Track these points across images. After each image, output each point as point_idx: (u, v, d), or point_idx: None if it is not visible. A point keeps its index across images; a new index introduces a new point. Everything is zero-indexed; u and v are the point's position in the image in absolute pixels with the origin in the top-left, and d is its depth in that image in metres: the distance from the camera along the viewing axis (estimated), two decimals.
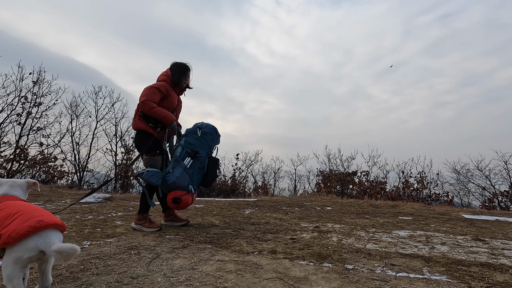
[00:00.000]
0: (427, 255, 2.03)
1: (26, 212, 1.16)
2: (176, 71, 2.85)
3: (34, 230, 1.08)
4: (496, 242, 2.51)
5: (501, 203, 7.73)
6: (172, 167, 2.68)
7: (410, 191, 8.45)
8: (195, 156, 2.71)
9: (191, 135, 2.79)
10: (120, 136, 9.65)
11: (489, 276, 1.63)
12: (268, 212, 4.08)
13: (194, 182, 2.73)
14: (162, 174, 2.66)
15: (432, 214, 4.32)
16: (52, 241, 1.10)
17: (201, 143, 2.77)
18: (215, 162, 2.87)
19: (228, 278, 1.51)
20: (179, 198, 2.59)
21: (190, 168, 2.69)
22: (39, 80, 8.37)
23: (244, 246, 2.18)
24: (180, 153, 2.71)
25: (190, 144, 2.75)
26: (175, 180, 2.60)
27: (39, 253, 1.09)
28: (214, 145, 2.91)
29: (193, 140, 2.76)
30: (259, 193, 9.28)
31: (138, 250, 1.98)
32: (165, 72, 2.88)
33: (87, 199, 4.66)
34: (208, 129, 2.82)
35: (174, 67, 2.87)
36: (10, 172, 7.56)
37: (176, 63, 2.88)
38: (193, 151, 2.72)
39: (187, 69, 2.90)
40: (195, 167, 2.73)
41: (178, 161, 2.69)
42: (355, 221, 3.49)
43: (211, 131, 2.84)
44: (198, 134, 2.77)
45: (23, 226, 1.08)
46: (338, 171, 9.81)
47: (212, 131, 2.84)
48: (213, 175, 2.85)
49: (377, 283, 1.49)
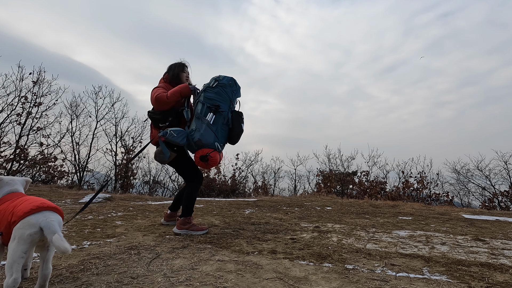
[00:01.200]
0: (427, 255, 2.03)
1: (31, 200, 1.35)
2: (171, 70, 2.81)
3: (37, 209, 1.25)
4: (496, 242, 2.51)
5: (501, 203, 7.74)
6: (195, 125, 2.55)
7: (410, 191, 8.46)
8: (216, 110, 2.55)
9: (210, 90, 2.60)
10: (120, 136, 9.64)
11: (489, 276, 1.63)
12: (268, 212, 4.08)
13: (219, 139, 2.58)
14: (186, 132, 2.53)
15: (432, 214, 4.32)
16: (51, 219, 1.24)
17: (221, 97, 2.59)
18: (238, 115, 2.68)
19: (228, 278, 1.51)
20: (206, 155, 2.47)
21: (213, 125, 2.54)
22: (39, 80, 8.38)
23: (244, 246, 2.18)
24: (201, 110, 2.55)
25: (210, 99, 2.57)
26: (200, 138, 2.48)
27: (40, 231, 1.21)
28: (235, 98, 2.71)
29: (212, 94, 2.58)
30: (259, 193, 9.28)
31: (138, 250, 1.98)
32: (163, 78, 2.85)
33: (87, 199, 4.66)
34: (226, 80, 2.62)
35: (169, 68, 2.84)
36: (10, 172, 7.56)
37: (171, 64, 2.85)
38: (214, 105, 2.55)
39: (183, 66, 2.84)
40: (219, 123, 2.57)
41: (200, 118, 2.53)
42: (355, 221, 3.49)
43: (230, 82, 2.63)
44: (218, 86, 2.58)
45: (27, 206, 1.26)
46: (338, 171, 9.82)
47: (231, 82, 2.64)
48: (238, 128, 2.66)
49: (377, 283, 1.49)
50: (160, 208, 4.18)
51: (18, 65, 8.17)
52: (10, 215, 1.27)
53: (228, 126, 2.65)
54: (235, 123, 2.64)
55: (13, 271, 1.15)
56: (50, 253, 1.31)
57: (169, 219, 2.95)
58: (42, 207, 1.27)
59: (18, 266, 1.17)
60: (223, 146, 2.69)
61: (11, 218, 1.25)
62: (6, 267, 1.17)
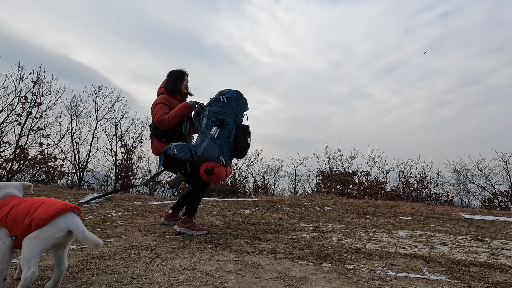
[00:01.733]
0: (427, 255, 2.03)
1: (46, 200, 1.34)
2: (170, 78, 2.81)
3: (61, 211, 1.27)
4: (496, 242, 2.51)
5: (501, 203, 7.74)
6: (199, 139, 2.56)
7: (410, 191, 8.46)
8: (221, 124, 2.54)
9: (215, 103, 2.60)
10: (120, 136, 9.64)
11: (489, 276, 1.63)
12: (268, 212, 4.08)
13: (224, 153, 2.58)
14: (189, 147, 2.54)
15: (432, 214, 4.32)
16: (77, 222, 1.28)
17: (226, 111, 2.58)
18: (244, 129, 2.67)
19: (228, 278, 1.51)
20: (212, 169, 2.46)
21: (218, 139, 2.54)
22: (39, 80, 8.38)
23: (244, 246, 2.18)
24: (206, 124, 2.56)
25: (215, 113, 2.57)
26: (203, 152, 2.48)
27: (67, 233, 1.25)
28: (242, 112, 2.70)
29: (217, 108, 2.58)
30: (259, 193, 9.28)
31: (138, 250, 1.98)
32: (162, 85, 2.85)
33: (87, 199, 4.66)
34: (231, 94, 2.61)
35: (168, 75, 2.83)
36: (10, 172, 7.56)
37: (170, 71, 2.85)
38: (219, 119, 2.55)
39: (182, 74, 2.85)
40: (223, 137, 2.57)
41: (204, 132, 2.55)
42: (355, 221, 3.49)
43: (235, 95, 2.63)
44: (223, 100, 2.57)
45: (52, 209, 1.26)
46: (338, 171, 9.82)
47: (237, 95, 2.64)
48: (243, 142, 2.64)
49: (377, 283, 1.49)
50: (160, 208, 4.18)
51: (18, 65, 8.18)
52: (28, 218, 1.24)
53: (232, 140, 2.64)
54: (239, 136, 2.63)
55: (30, 265, 1.17)
56: (66, 249, 1.34)
57: (170, 218, 2.95)
58: (66, 209, 1.29)
59: (36, 260, 1.19)
60: (230, 160, 2.68)
61: (31, 221, 1.23)
62: (22, 262, 1.19)
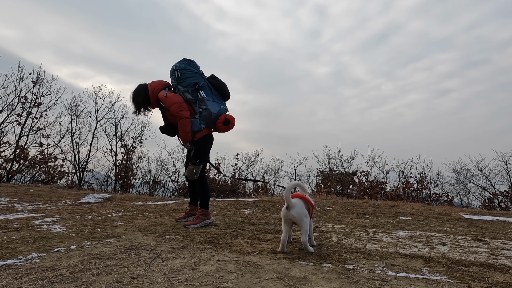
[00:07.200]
0: (427, 255, 2.03)
1: None
2: None
3: None
4: (496, 242, 2.51)
5: (501, 203, 7.74)
6: (197, 108, 2.86)
7: (410, 191, 8.46)
8: (199, 87, 2.86)
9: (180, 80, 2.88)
10: (120, 136, 9.65)
11: (489, 276, 1.63)
12: (268, 212, 4.08)
13: (221, 102, 2.97)
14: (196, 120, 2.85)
15: (432, 214, 4.32)
16: None
17: (192, 77, 2.88)
18: (212, 78, 3.00)
19: (228, 278, 1.51)
20: (226, 119, 2.87)
21: (207, 97, 2.88)
22: (39, 80, 8.39)
23: (244, 246, 2.18)
24: (192, 96, 2.86)
25: (187, 85, 2.86)
26: (210, 113, 2.85)
27: None
28: (199, 69, 2.99)
29: (185, 82, 2.88)
30: (259, 193, 9.27)
31: (138, 250, 1.98)
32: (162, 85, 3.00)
33: (87, 199, 4.66)
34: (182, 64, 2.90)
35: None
36: (10, 172, 7.57)
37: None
38: (194, 85, 2.85)
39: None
40: (209, 93, 2.91)
41: (196, 100, 2.86)
42: (355, 221, 3.49)
43: (185, 63, 2.91)
44: (182, 74, 2.87)
45: None
46: (338, 171, 9.82)
47: (186, 62, 2.92)
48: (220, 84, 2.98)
49: (377, 283, 1.49)
50: (160, 208, 4.18)
51: (18, 65, 8.18)
52: None
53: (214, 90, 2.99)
54: (214, 84, 2.98)
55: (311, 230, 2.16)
56: None
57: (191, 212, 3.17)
58: None
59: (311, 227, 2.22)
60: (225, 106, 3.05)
61: None
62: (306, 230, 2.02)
